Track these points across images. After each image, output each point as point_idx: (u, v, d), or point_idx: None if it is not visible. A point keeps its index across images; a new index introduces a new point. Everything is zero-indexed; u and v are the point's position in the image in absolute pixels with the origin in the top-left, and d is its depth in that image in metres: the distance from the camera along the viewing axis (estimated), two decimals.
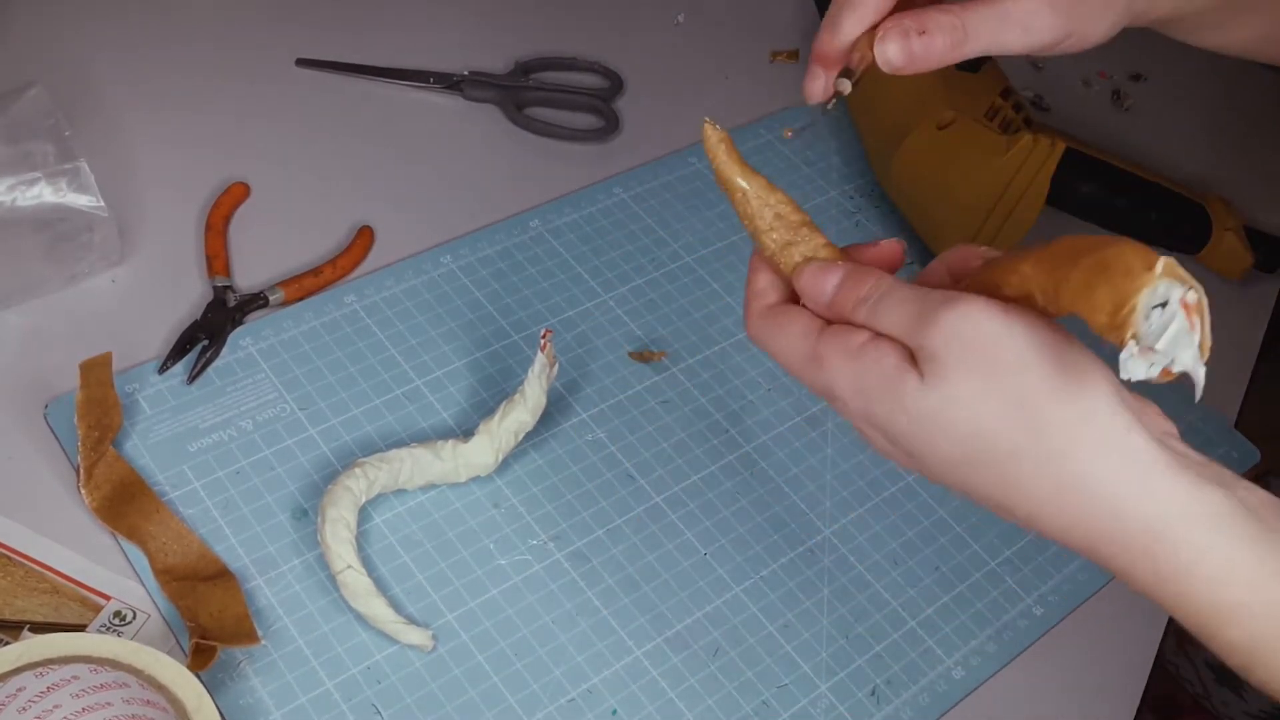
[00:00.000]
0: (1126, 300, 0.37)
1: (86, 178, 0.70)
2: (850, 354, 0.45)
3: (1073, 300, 0.39)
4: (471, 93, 0.90)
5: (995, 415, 0.42)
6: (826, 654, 0.66)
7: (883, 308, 0.45)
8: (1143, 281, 0.36)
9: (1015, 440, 0.42)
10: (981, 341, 0.42)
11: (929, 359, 0.43)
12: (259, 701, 0.59)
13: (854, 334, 0.46)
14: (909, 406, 0.43)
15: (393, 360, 0.74)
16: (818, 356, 0.46)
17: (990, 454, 0.43)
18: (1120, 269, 0.37)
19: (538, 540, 0.67)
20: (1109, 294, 0.37)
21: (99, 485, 0.64)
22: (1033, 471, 0.42)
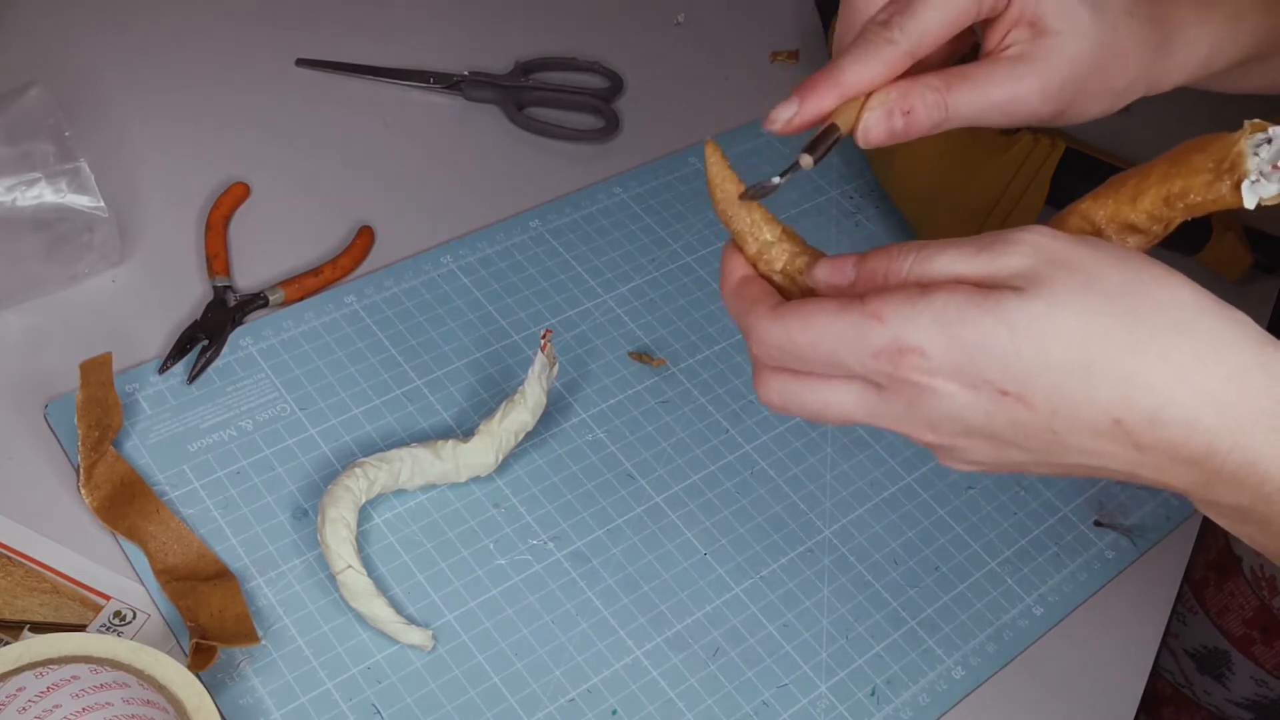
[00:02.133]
0: (1228, 151, 0.41)
1: (86, 178, 0.70)
2: (918, 293, 0.40)
3: (1160, 183, 0.43)
4: (471, 93, 0.90)
5: (1103, 313, 0.39)
6: (826, 654, 0.66)
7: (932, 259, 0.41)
8: (1238, 135, 0.41)
9: (1134, 333, 0.39)
10: (1064, 250, 0.40)
11: (1016, 276, 0.39)
12: (259, 701, 0.59)
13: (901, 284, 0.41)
14: (1012, 321, 0.39)
15: (393, 360, 0.74)
16: (874, 313, 0.40)
17: (1103, 356, 0.39)
18: (1220, 141, 0.42)
19: (538, 540, 0.67)
20: (1204, 158, 0.42)
21: (99, 485, 0.64)
22: (1164, 350, 0.39)
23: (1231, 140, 0.41)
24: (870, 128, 0.46)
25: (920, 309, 0.40)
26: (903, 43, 0.46)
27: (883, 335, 0.40)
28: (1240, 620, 0.93)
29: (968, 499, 0.73)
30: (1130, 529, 0.74)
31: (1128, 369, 0.39)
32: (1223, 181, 0.42)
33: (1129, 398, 0.39)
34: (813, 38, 1.01)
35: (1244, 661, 0.95)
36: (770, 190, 0.46)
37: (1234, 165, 0.41)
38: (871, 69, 0.46)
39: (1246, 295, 0.91)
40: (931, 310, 0.40)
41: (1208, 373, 0.39)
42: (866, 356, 0.41)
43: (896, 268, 0.42)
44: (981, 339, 0.39)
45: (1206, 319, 0.40)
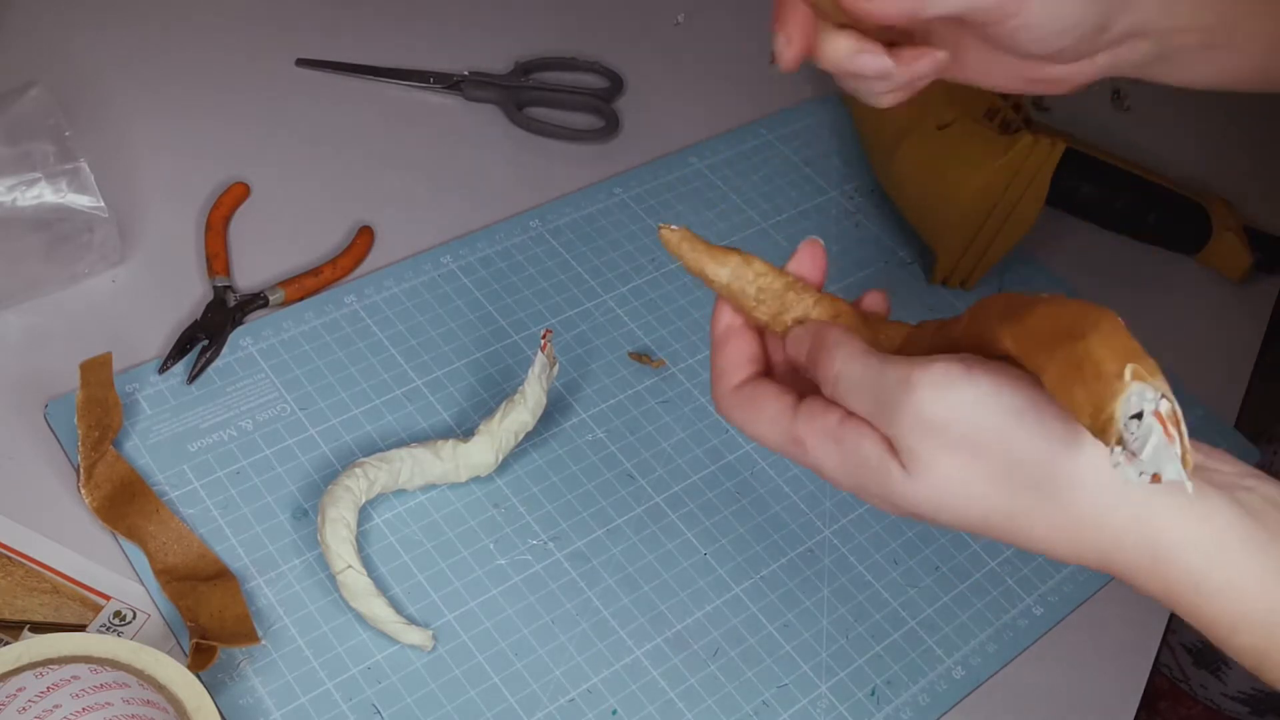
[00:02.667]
0: (1103, 407, 0.36)
1: (86, 178, 0.70)
2: (829, 435, 0.45)
3: (1054, 395, 0.39)
4: (471, 93, 0.90)
5: (988, 490, 0.42)
6: (826, 654, 0.66)
7: (846, 392, 0.45)
8: (1115, 389, 0.36)
9: (1014, 505, 0.42)
10: (953, 420, 0.41)
11: (904, 450, 0.43)
12: (259, 701, 0.59)
13: (828, 413, 0.45)
14: (898, 495, 0.43)
15: (393, 360, 0.74)
16: (798, 440, 0.46)
17: (991, 523, 0.43)
18: (1092, 370, 0.37)
19: (538, 540, 0.67)
20: (1086, 397, 0.37)
21: (99, 485, 0.64)
22: (1037, 526, 0.42)
23: (1106, 392, 0.36)
24: None
25: (833, 454, 0.45)
26: None
27: (805, 459, 0.46)
28: None
29: None
30: None
31: (1013, 534, 0.43)
32: (1099, 435, 0.37)
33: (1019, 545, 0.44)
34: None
35: None
36: None
37: (1105, 429, 0.36)
38: None
39: (1247, 295, 0.91)
40: (841, 461, 0.45)
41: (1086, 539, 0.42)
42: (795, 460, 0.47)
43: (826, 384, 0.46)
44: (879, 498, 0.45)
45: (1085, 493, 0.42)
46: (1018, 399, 0.41)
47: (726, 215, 0.86)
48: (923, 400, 0.41)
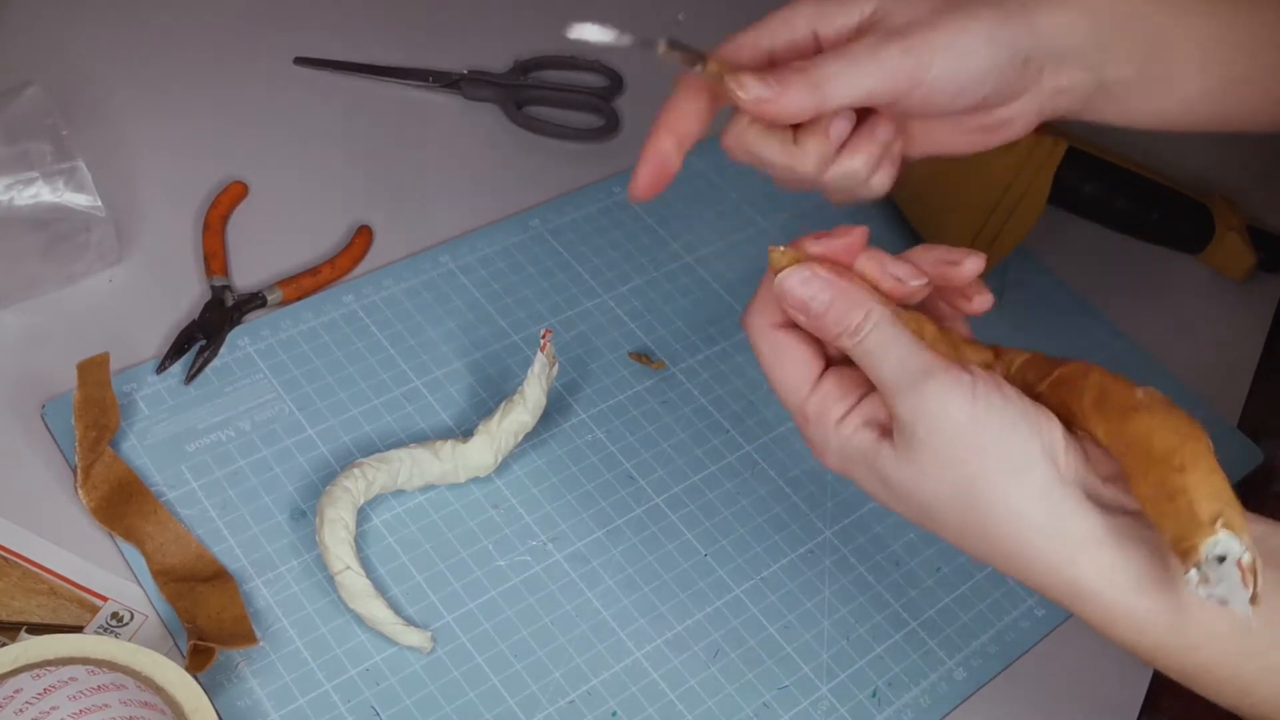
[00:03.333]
0: (1189, 538, 0.41)
1: (84, 177, 0.70)
2: (833, 425, 0.49)
3: (1143, 505, 0.43)
4: (471, 92, 0.90)
5: (948, 495, 0.46)
6: (827, 655, 0.65)
7: (868, 350, 0.48)
8: (1206, 532, 0.40)
9: (964, 518, 0.46)
10: (945, 425, 0.46)
11: (901, 430, 0.47)
12: (257, 703, 0.59)
13: (837, 405, 0.49)
14: (883, 474, 0.48)
15: (391, 360, 0.73)
16: (805, 415, 0.50)
17: (945, 525, 0.48)
18: (1186, 506, 0.41)
19: (537, 541, 0.67)
20: (1175, 525, 0.41)
21: (97, 486, 0.64)
22: (978, 545, 0.47)
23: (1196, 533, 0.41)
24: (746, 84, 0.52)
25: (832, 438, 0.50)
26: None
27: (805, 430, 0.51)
28: None
29: None
30: None
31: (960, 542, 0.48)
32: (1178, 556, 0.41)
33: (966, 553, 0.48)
34: None
35: None
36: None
37: (1186, 555, 0.41)
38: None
39: (1249, 294, 0.91)
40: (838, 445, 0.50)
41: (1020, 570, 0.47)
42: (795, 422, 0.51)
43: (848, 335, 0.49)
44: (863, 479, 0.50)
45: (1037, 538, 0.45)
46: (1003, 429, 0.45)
47: (727, 214, 0.86)
48: (930, 394, 0.46)
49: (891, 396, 0.47)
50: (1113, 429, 0.44)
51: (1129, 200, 0.90)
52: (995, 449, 0.45)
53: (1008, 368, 0.49)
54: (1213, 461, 0.42)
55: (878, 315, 0.48)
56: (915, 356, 0.47)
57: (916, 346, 0.47)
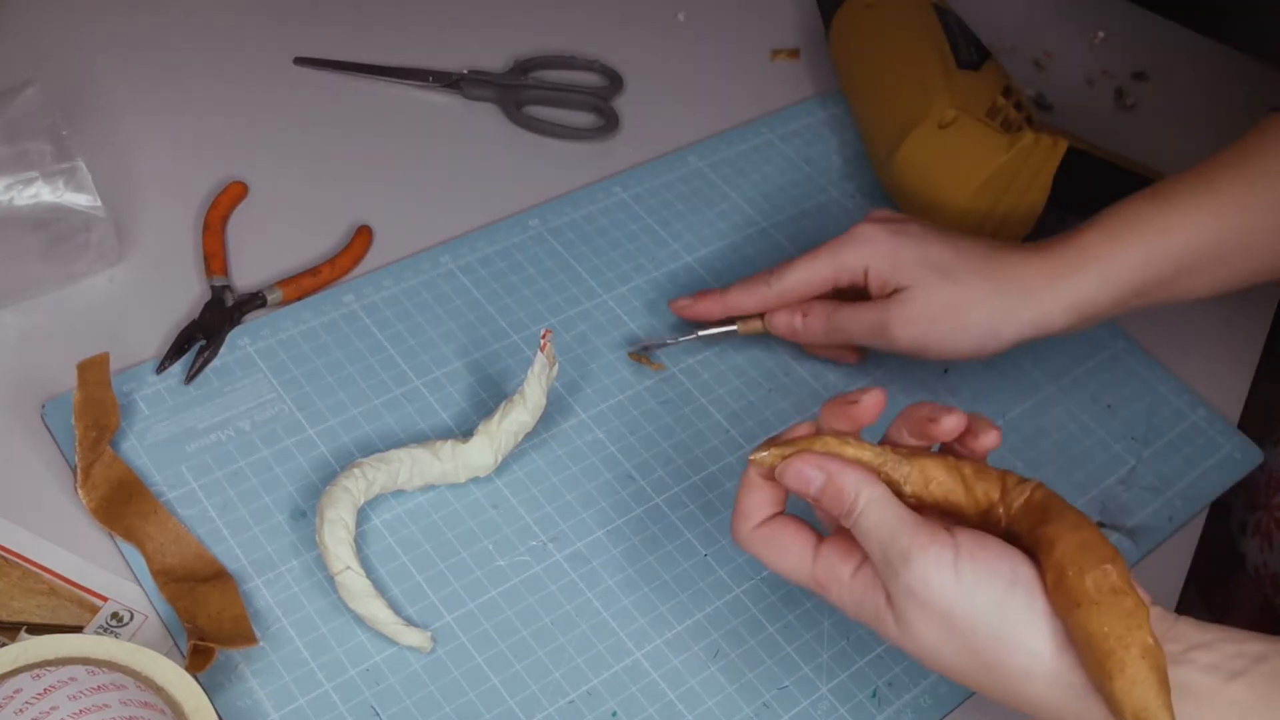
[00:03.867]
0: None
1: (84, 177, 0.70)
2: (843, 586, 0.53)
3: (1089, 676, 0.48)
4: (471, 92, 0.90)
5: (955, 660, 0.50)
6: (827, 656, 0.65)
7: (861, 532, 0.51)
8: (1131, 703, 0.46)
9: (977, 679, 0.50)
10: (934, 601, 0.49)
11: (895, 605, 0.50)
12: (257, 703, 0.59)
13: (844, 564, 0.53)
14: (891, 638, 0.52)
15: (391, 360, 0.73)
16: (818, 583, 0.53)
17: (962, 681, 0.51)
18: (1117, 712, 0.46)
19: (537, 541, 0.67)
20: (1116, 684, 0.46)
21: (96, 486, 0.64)
22: (996, 697, 0.51)
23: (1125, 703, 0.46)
24: (776, 320, 0.74)
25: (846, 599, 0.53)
26: (774, 288, 0.73)
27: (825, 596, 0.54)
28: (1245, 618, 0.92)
29: None
30: (1133, 530, 0.73)
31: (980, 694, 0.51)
32: None
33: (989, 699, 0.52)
34: (813, 37, 1.01)
35: None
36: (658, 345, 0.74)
37: None
38: (747, 300, 0.74)
39: (1249, 295, 0.91)
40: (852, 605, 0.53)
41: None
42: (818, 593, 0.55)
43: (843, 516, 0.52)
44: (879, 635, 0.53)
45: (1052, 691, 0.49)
46: (992, 598, 0.49)
47: (726, 215, 0.86)
48: (914, 577, 0.49)
49: (883, 577, 0.51)
50: (1064, 618, 0.48)
51: None
52: (987, 619, 0.49)
53: (1008, 508, 0.52)
54: (1143, 668, 0.46)
55: (866, 496, 0.51)
56: (900, 538, 0.50)
57: (903, 525, 0.50)
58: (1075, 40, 1.07)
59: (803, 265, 0.72)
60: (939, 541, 0.49)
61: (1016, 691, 0.49)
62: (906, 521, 0.50)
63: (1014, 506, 0.52)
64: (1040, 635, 0.48)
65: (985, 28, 0.98)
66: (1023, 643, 0.48)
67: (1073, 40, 1.07)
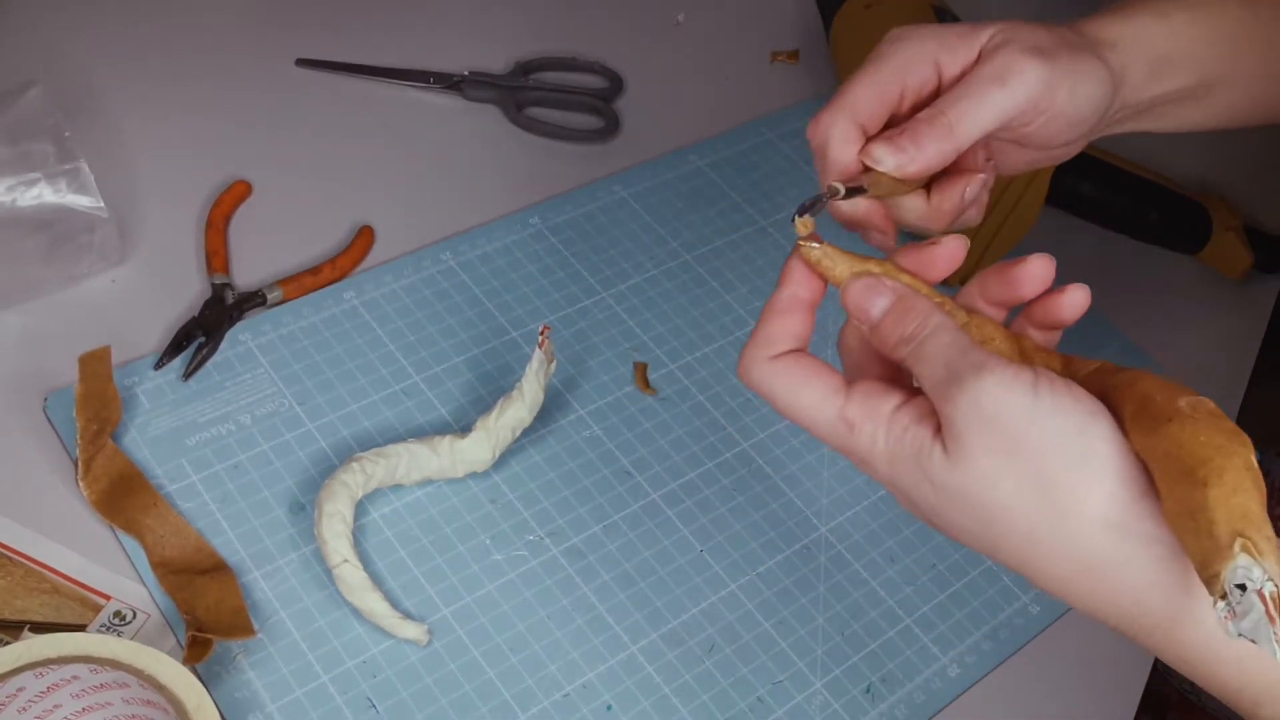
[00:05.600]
0: (1210, 564, 0.37)
1: (86, 178, 0.70)
2: (882, 420, 0.45)
3: (1168, 520, 0.40)
4: (471, 93, 0.91)
5: (1014, 496, 0.42)
6: (822, 651, 0.66)
7: (922, 355, 0.45)
8: (1224, 556, 0.37)
9: (1033, 522, 0.42)
10: (1004, 419, 0.42)
11: (951, 432, 0.43)
12: (255, 695, 0.59)
13: (885, 398, 0.45)
14: (934, 480, 0.44)
15: (391, 356, 0.74)
16: (848, 421, 0.45)
17: (1010, 534, 0.43)
18: (1205, 525, 0.38)
19: (534, 536, 0.67)
20: (1196, 547, 0.38)
21: (97, 478, 0.64)
22: (1051, 553, 0.42)
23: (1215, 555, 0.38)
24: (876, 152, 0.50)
25: (881, 440, 0.45)
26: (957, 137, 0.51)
27: (849, 441, 0.46)
28: None
29: None
30: None
31: (1025, 554, 0.43)
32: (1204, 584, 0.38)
33: (1028, 573, 0.44)
34: (813, 38, 1.01)
35: None
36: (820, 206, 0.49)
37: (1210, 583, 0.38)
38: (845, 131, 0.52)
39: (1247, 294, 0.91)
40: (887, 447, 0.45)
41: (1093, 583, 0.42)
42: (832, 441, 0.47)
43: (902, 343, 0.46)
44: (913, 486, 0.45)
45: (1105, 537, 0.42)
46: (1071, 419, 0.42)
47: (726, 213, 0.87)
48: (984, 389, 0.42)
49: (942, 396, 0.43)
50: (1146, 442, 0.41)
51: (1127, 200, 0.90)
52: (1062, 448, 0.41)
53: (1074, 377, 0.45)
54: (1246, 479, 0.38)
55: (936, 320, 0.45)
56: (971, 354, 0.43)
57: (974, 346, 0.44)
58: None
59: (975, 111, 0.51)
60: (1018, 365, 0.43)
61: (1070, 535, 0.42)
62: (979, 346, 0.44)
63: (1079, 375, 0.46)
64: (1113, 475, 0.41)
65: None
66: (1096, 480, 0.41)
67: None
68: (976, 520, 0.43)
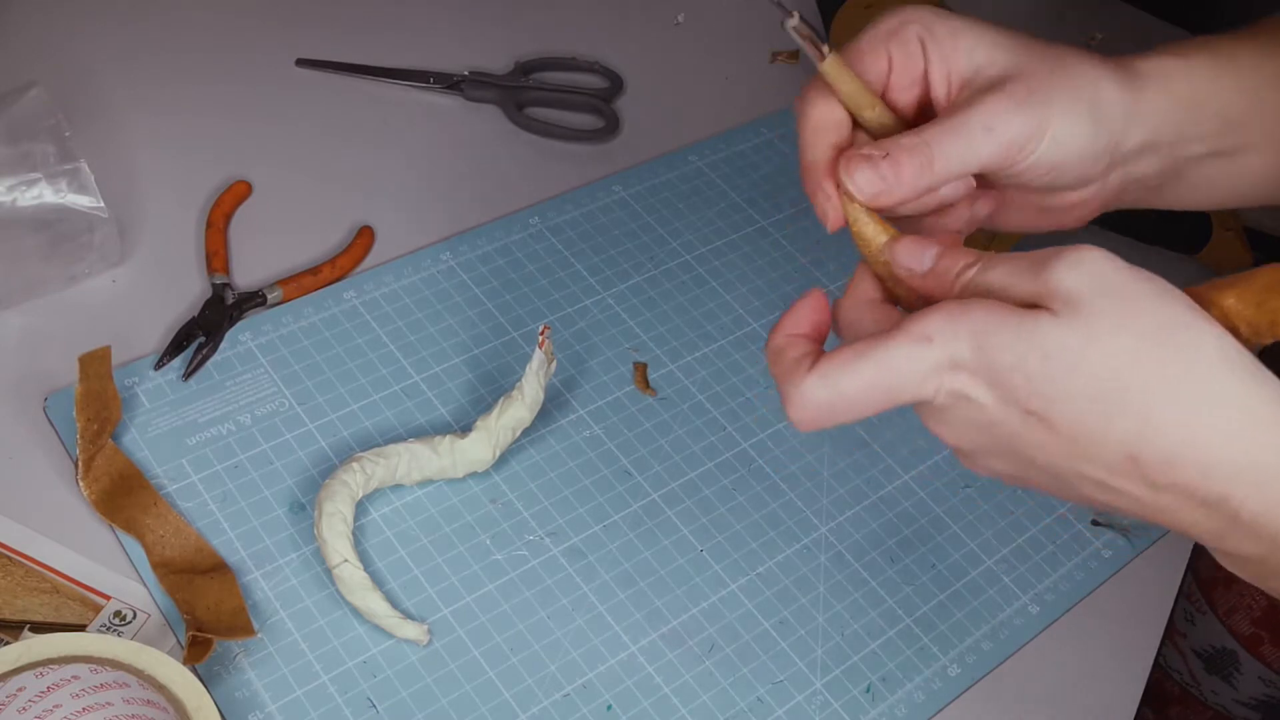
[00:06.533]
0: None
1: (87, 178, 0.70)
2: (954, 313, 0.42)
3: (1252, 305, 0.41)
4: (471, 93, 0.91)
5: (1133, 349, 0.40)
6: (822, 651, 0.66)
7: (995, 263, 0.43)
8: None
9: (1158, 367, 0.40)
10: (1111, 277, 0.41)
11: (1059, 296, 0.41)
12: (255, 695, 0.59)
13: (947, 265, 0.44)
14: (1044, 344, 0.41)
15: (391, 356, 0.74)
16: (923, 335, 0.42)
17: (1127, 391, 0.41)
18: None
19: (534, 536, 0.68)
20: None
21: (98, 478, 0.64)
22: (1173, 400, 0.40)
23: None
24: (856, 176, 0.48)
25: (964, 325, 0.42)
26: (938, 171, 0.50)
27: (934, 354, 0.42)
28: (1249, 620, 0.93)
29: (965, 497, 0.73)
30: (1128, 528, 0.74)
31: (1149, 408, 0.40)
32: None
33: (1146, 437, 0.41)
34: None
35: (1252, 661, 0.95)
36: None
37: None
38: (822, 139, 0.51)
39: None
40: (970, 325, 0.42)
41: (1228, 421, 0.40)
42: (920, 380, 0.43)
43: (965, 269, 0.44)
44: (1015, 362, 0.41)
45: (1235, 372, 0.41)
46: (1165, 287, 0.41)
47: (726, 214, 0.87)
48: (1089, 255, 0.41)
49: (1039, 272, 0.41)
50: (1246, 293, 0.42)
51: None
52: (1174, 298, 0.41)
53: None
54: None
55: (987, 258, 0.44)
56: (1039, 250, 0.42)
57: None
58: (1073, 41, 1.07)
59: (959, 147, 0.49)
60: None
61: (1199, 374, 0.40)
62: None
63: None
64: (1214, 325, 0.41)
65: None
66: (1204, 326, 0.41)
67: (1070, 41, 1.07)
68: (1092, 380, 0.41)
